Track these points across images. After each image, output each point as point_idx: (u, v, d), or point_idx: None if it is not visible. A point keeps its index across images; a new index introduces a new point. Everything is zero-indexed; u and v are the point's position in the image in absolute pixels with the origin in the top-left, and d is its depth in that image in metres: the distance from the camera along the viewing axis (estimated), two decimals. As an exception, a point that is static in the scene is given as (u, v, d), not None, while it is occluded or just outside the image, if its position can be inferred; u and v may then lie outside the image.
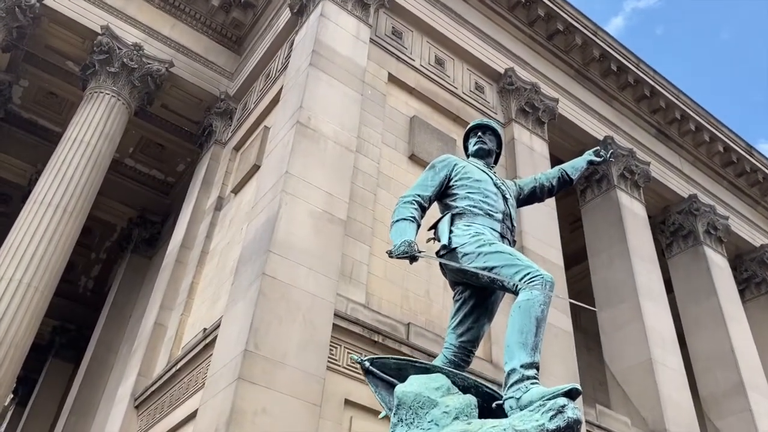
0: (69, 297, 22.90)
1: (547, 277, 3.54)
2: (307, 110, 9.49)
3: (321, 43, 10.49)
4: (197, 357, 8.91)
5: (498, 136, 4.73)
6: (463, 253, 3.86)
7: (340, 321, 8.14)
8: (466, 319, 3.99)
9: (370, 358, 3.61)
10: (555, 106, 13.72)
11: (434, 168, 4.33)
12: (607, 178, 14.63)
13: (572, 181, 4.74)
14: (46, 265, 10.64)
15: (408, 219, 3.97)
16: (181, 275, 11.78)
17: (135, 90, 13.36)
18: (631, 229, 13.83)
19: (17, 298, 10.11)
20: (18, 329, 9.98)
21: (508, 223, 4.18)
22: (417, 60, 12.25)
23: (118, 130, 12.97)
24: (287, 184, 8.55)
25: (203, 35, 14.92)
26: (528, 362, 3.27)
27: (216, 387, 7.36)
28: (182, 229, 12.56)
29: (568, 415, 2.88)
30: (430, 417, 3.06)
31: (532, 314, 3.41)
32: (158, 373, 10.15)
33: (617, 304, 13.00)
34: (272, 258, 7.87)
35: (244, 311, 7.65)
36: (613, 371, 12.29)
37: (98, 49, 12.96)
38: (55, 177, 11.50)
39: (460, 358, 3.95)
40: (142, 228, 17.66)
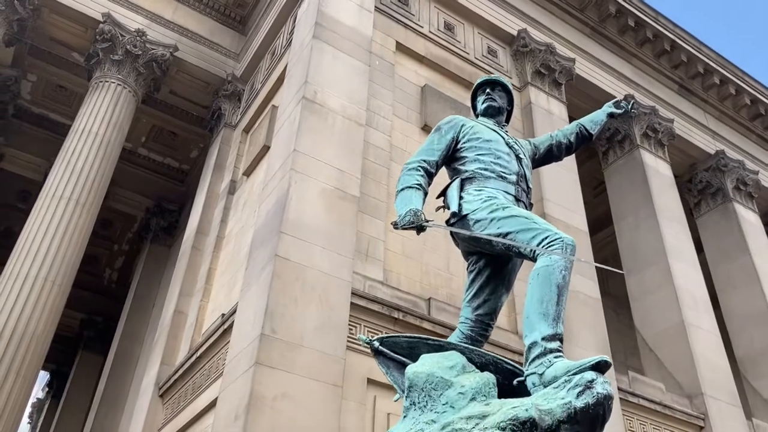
0: (95, 290, 23.12)
1: (568, 240, 3.23)
2: (313, 85, 9.18)
3: (324, 15, 10.14)
4: (216, 343, 8.77)
5: (508, 92, 4.36)
6: (474, 220, 3.55)
7: (358, 299, 7.91)
8: (482, 290, 3.70)
9: (380, 338, 3.35)
10: (572, 66, 13.22)
11: (440, 130, 4.00)
12: (629, 137, 14.13)
13: (592, 137, 4.39)
14: (62, 258, 10.56)
15: (413, 187, 3.66)
16: (198, 261, 11.64)
17: (141, 77, 13.14)
18: (656, 189, 13.36)
19: (35, 292, 10.05)
20: (38, 323, 9.93)
21: (524, 185, 3.85)
22: (425, 27, 11.82)
23: (126, 118, 12.79)
24: (296, 163, 8.28)
25: (207, 17, 14.63)
26: (550, 334, 2.98)
27: (234, 373, 7.20)
28: (197, 215, 12.40)
29: (597, 391, 2.60)
30: (444, 399, 2.80)
31: (552, 281, 3.10)
32: (180, 361, 10.06)
33: (646, 267, 12.60)
34: (284, 239, 7.64)
35: (258, 295, 7.45)
36: (644, 336, 11.94)
37: (101, 38, 12.75)
38: (65, 169, 11.38)
39: (477, 332, 3.66)
40: (159, 217, 17.60)
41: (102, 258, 23.30)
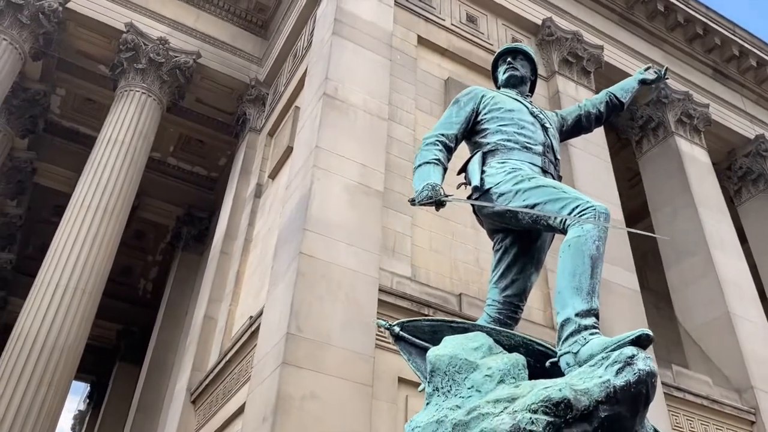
0: (130, 301, 23.37)
1: (601, 208, 2.97)
2: (334, 81, 9.03)
3: (343, 11, 10.00)
4: (245, 346, 8.64)
5: (531, 60, 4.10)
6: (498, 194, 3.30)
7: (386, 296, 7.70)
8: (510, 270, 3.45)
9: (400, 323, 3.13)
10: (600, 53, 12.85)
11: (459, 102, 3.76)
12: (663, 125, 13.66)
13: (623, 105, 4.11)
14: (92, 267, 10.58)
15: (431, 162, 3.43)
16: (227, 266, 11.58)
17: (165, 85, 13.18)
18: (694, 177, 12.87)
19: (66, 300, 10.08)
20: (69, 332, 9.94)
21: (551, 156, 3.59)
22: (447, 19, 11.60)
23: (152, 125, 12.83)
24: (318, 159, 8.12)
25: (228, 23, 14.64)
26: (584, 309, 2.72)
27: (262, 374, 7.05)
28: (225, 219, 12.36)
29: (638, 368, 2.34)
30: (469, 382, 2.56)
31: (585, 252, 2.84)
32: (210, 366, 9.97)
33: (686, 258, 12.12)
34: (308, 236, 7.47)
35: (284, 294, 7.30)
36: (687, 329, 11.47)
37: (124, 47, 12.82)
38: (92, 179, 11.43)
39: (506, 315, 3.41)
40: (190, 225, 17.66)
41: (137, 269, 23.56)
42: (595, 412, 2.29)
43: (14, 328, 10.00)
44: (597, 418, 2.29)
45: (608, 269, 9.67)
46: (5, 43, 11.79)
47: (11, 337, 9.92)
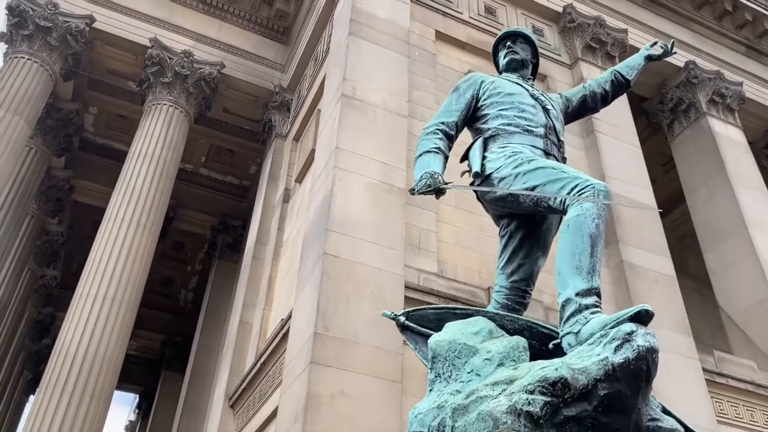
0: (173, 311, 23.85)
1: (600, 186, 2.91)
2: (351, 81, 9.06)
3: (359, 11, 10.03)
4: (277, 349, 8.73)
5: (531, 43, 4.06)
6: (499, 179, 3.27)
7: (413, 293, 7.69)
8: (515, 255, 3.41)
9: (405, 312, 3.13)
10: (624, 37, 12.60)
11: (458, 90, 3.74)
12: (694, 106, 13.32)
13: (629, 83, 4.03)
14: (128, 279, 10.81)
15: (432, 151, 3.42)
16: (259, 271, 11.72)
17: (191, 97, 13.42)
18: (729, 156, 12.50)
19: (104, 313, 10.32)
20: (109, 343, 10.18)
21: (553, 138, 3.54)
22: (465, 12, 11.54)
23: (180, 137, 13.07)
24: (338, 160, 8.16)
25: (250, 32, 14.83)
26: (585, 288, 2.68)
27: (292, 375, 7.11)
28: (255, 226, 12.52)
29: (638, 344, 2.29)
30: (469, 367, 2.55)
31: (584, 231, 2.79)
32: (246, 370, 10.09)
33: (724, 240, 11.78)
34: (332, 236, 7.51)
35: (310, 295, 7.35)
36: (729, 313, 11.14)
37: (150, 62, 13.10)
38: (125, 193, 11.69)
39: (513, 300, 3.37)
40: (225, 233, 17.94)
41: (177, 280, 24.03)
42: (594, 391, 2.25)
43: (56, 341, 10.30)
44: (596, 397, 2.25)
45: (639, 254, 9.52)
46: (36, 66, 12.17)
47: (54, 349, 10.21)
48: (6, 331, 16.18)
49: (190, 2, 14.38)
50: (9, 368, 18.52)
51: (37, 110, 12.26)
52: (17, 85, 11.76)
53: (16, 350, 18.90)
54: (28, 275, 17.33)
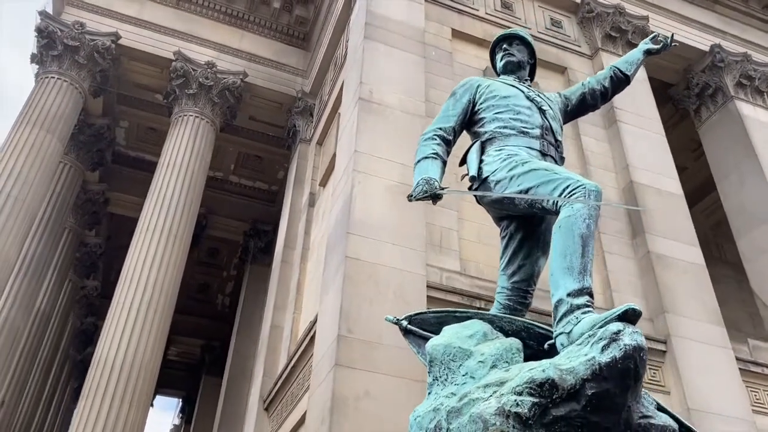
0: (211, 316, 24.34)
1: (591, 186, 2.94)
2: (368, 84, 9.15)
3: (373, 14, 10.11)
4: (306, 352, 8.87)
5: (528, 44, 4.09)
6: (495, 181, 3.33)
7: (436, 292, 7.74)
8: (516, 256, 3.45)
9: (408, 316, 3.21)
10: (645, 24, 12.41)
11: (455, 95, 3.81)
12: (721, 89, 13.04)
13: (628, 78, 4.02)
14: (161, 287, 11.10)
15: (429, 157, 3.49)
16: (288, 275, 11.90)
17: (216, 107, 13.69)
18: (759, 140, 12.21)
19: (139, 321, 10.62)
20: (145, 351, 10.47)
21: (550, 139, 3.57)
22: (481, 9, 11.51)
23: (207, 147, 13.34)
24: (357, 163, 8.26)
25: (272, 40, 15.06)
26: (576, 289, 2.71)
27: (319, 377, 7.24)
28: (283, 230, 12.71)
29: (624, 343, 2.32)
30: (464, 369, 2.61)
31: (575, 232, 2.83)
32: (278, 373, 10.27)
33: (758, 226, 11.52)
34: (352, 239, 7.61)
35: (333, 298, 7.47)
36: (764, 300, 10.90)
37: (174, 75, 13.40)
38: (155, 203, 12.00)
39: (515, 301, 3.41)
40: (256, 238, 18.23)
41: (214, 285, 24.52)
42: (581, 391, 2.30)
43: (95, 350, 10.63)
44: (584, 396, 2.29)
45: (666, 244, 9.40)
46: (66, 84, 12.56)
47: (94, 357, 10.55)
48: (51, 341, 16.73)
49: (212, 14, 14.66)
50: (56, 378, 19.14)
51: (69, 127, 12.66)
52: (49, 104, 12.16)
53: (62, 360, 19.52)
54: (69, 287, 17.88)
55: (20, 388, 14.00)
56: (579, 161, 10.39)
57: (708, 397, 8.09)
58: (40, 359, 16.06)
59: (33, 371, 15.38)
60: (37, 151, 11.59)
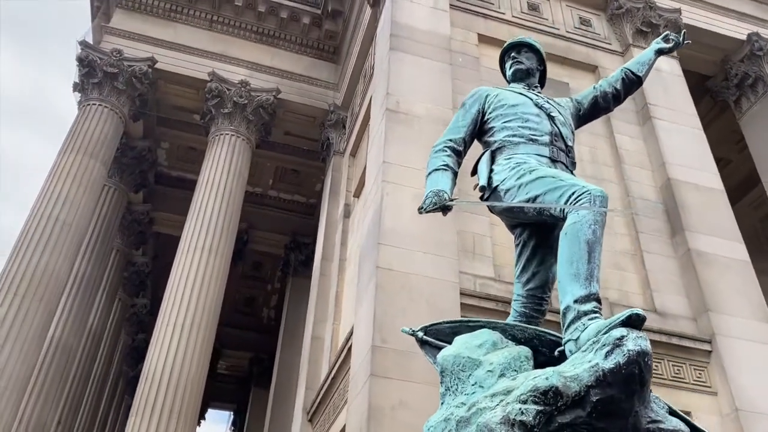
0: (257, 329, 24.74)
1: (596, 192, 2.94)
2: (395, 95, 9.23)
3: (398, 25, 10.20)
4: (345, 362, 8.96)
5: (536, 51, 4.10)
6: (504, 190, 3.35)
7: (469, 299, 7.74)
8: (530, 263, 3.46)
9: (423, 327, 3.25)
10: (677, 17, 12.17)
11: (464, 106, 3.85)
12: (761, 79, 12.67)
13: (640, 79, 3.98)
14: (204, 304, 11.37)
15: (439, 168, 3.53)
16: (327, 286, 12.04)
17: (251, 124, 13.98)
18: (804, 129, 11.83)
19: (184, 337, 10.89)
20: (191, 366, 10.74)
21: (560, 145, 3.56)
22: (507, 12, 11.49)
23: (244, 164, 13.63)
24: (386, 174, 8.34)
25: (302, 55, 15.31)
26: (582, 295, 2.71)
27: (356, 388, 7.31)
28: (321, 242, 12.87)
29: (628, 348, 2.32)
30: (473, 379, 2.63)
31: (580, 238, 2.83)
32: (320, 384, 10.39)
33: (807, 218, 11.13)
34: (383, 250, 7.68)
35: (367, 308, 7.54)
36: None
37: (210, 95, 13.75)
38: (196, 221, 12.31)
39: (530, 308, 3.42)
40: (297, 251, 18.48)
41: (259, 298, 24.94)
42: (586, 397, 2.30)
43: (144, 367, 10.96)
44: (589, 403, 2.30)
45: (707, 240, 9.18)
46: (107, 110, 13.03)
47: (142, 374, 10.88)
48: (103, 359, 17.27)
49: (244, 33, 15.00)
50: (110, 395, 19.74)
51: (111, 151, 13.12)
52: (91, 130, 12.63)
53: (115, 377, 20.12)
54: (119, 305, 18.44)
55: (75, 406, 14.50)
56: (613, 160, 10.25)
57: (757, 397, 7.85)
58: (94, 377, 16.59)
59: (87, 389, 15.90)
60: (82, 176, 12.04)
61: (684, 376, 8.16)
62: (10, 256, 10.99)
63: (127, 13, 14.51)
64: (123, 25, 14.28)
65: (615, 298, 8.69)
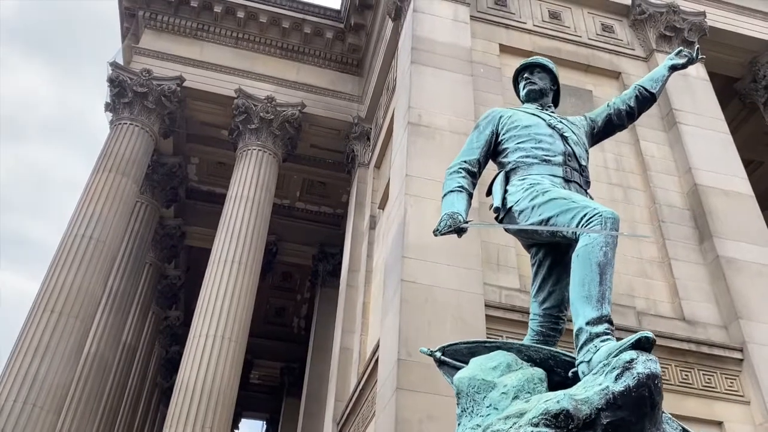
0: (288, 339, 24.96)
1: (607, 214, 2.98)
2: (417, 108, 9.32)
3: (419, 38, 10.30)
4: (372, 374, 9.03)
5: (549, 71, 4.14)
6: (518, 211, 3.41)
7: (495, 311, 7.76)
8: (545, 282, 3.51)
9: (442, 347, 3.31)
10: (701, 20, 12.05)
11: (479, 127, 3.92)
12: (791, 80, 12.47)
13: (654, 96, 4.00)
14: (234, 316, 11.57)
15: (454, 190, 3.61)
16: (354, 298, 12.15)
17: (277, 138, 14.20)
18: (837, 130, 11.59)
19: (215, 349, 11.09)
20: (222, 378, 10.93)
21: (574, 165, 3.61)
22: (528, 22, 11.51)
23: (272, 178, 13.85)
24: (409, 187, 8.42)
25: (326, 69, 15.51)
26: (594, 317, 2.76)
27: (383, 401, 7.38)
28: (347, 254, 13.00)
29: (638, 371, 2.36)
30: (488, 401, 2.70)
31: (592, 260, 2.88)
32: (349, 395, 10.48)
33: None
34: (408, 263, 7.76)
35: (392, 321, 7.62)
36: None
37: (237, 111, 14.02)
38: (225, 235, 12.54)
39: (547, 327, 3.47)
40: (324, 262, 18.64)
41: (289, 309, 25.18)
42: (597, 420, 2.35)
43: (177, 377, 11.18)
44: (600, 426, 2.34)
45: (737, 247, 9.07)
46: (137, 129, 13.37)
47: (175, 385, 11.11)
48: (138, 371, 17.62)
49: (269, 50, 15.26)
50: (146, 406, 20.11)
51: (142, 169, 13.44)
52: (123, 149, 12.97)
53: (150, 388, 20.49)
54: (153, 318, 18.80)
55: (112, 419, 14.82)
56: (639, 167, 10.19)
57: (791, 408, 7.71)
58: (130, 389, 16.94)
59: (123, 401, 16.24)
60: (114, 194, 12.36)
61: (715, 385, 8.06)
62: (47, 275, 11.33)
63: (156, 33, 14.88)
64: (152, 45, 14.64)
65: (642, 306, 8.63)
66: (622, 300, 8.60)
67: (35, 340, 10.55)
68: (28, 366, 10.39)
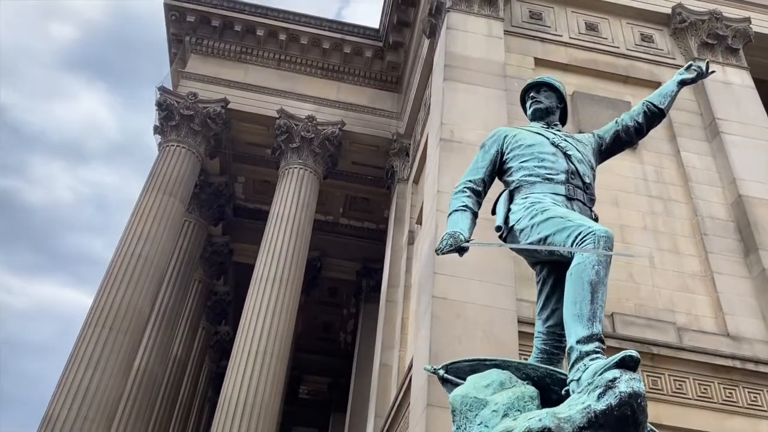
0: (335, 354, 25.14)
1: (600, 232, 2.98)
2: (449, 124, 9.39)
3: (452, 55, 10.38)
4: (408, 390, 9.06)
5: (555, 90, 4.17)
6: (519, 230, 3.44)
7: (527, 327, 7.64)
8: (549, 300, 3.51)
9: (445, 366, 3.35)
10: (746, 26, 11.73)
11: (484, 147, 3.98)
12: (843, 85, 11.98)
13: (663, 112, 3.96)
14: (276, 332, 11.80)
15: (460, 210, 3.66)
16: (393, 314, 12.21)
17: (318, 157, 14.47)
18: None
19: (258, 365, 11.33)
20: (264, 392, 11.14)
21: (577, 183, 3.61)
22: (564, 34, 11.45)
23: (312, 196, 14.11)
24: (440, 203, 8.46)
25: (366, 87, 15.74)
26: (585, 336, 2.77)
27: (415, 417, 7.41)
28: (387, 269, 13.09)
29: (620, 390, 2.36)
30: (479, 419, 2.73)
31: (584, 279, 2.89)
32: (387, 411, 10.52)
33: None
34: (439, 279, 7.79)
35: (424, 337, 7.65)
36: None
37: (278, 131, 14.37)
38: (267, 253, 12.83)
39: (550, 345, 3.46)
40: (368, 277, 18.78)
41: (336, 324, 25.36)
42: (580, 439, 2.36)
43: (221, 392, 11.46)
44: (582, 445, 2.36)
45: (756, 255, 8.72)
46: (184, 150, 13.85)
47: (220, 400, 11.38)
48: (188, 386, 18.07)
49: (310, 70, 15.61)
50: (197, 420, 20.57)
51: (189, 189, 13.90)
52: (170, 170, 13.45)
53: (200, 403, 20.96)
54: (202, 334, 19.28)
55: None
56: (680, 178, 9.97)
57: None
58: (180, 403, 17.39)
59: (174, 415, 16.67)
60: (162, 214, 12.82)
61: (761, 403, 7.76)
62: (98, 293, 11.81)
63: (202, 57, 15.42)
64: (198, 69, 15.18)
65: (683, 322, 8.41)
66: (662, 315, 8.41)
67: (87, 355, 11.00)
68: (81, 379, 10.82)
